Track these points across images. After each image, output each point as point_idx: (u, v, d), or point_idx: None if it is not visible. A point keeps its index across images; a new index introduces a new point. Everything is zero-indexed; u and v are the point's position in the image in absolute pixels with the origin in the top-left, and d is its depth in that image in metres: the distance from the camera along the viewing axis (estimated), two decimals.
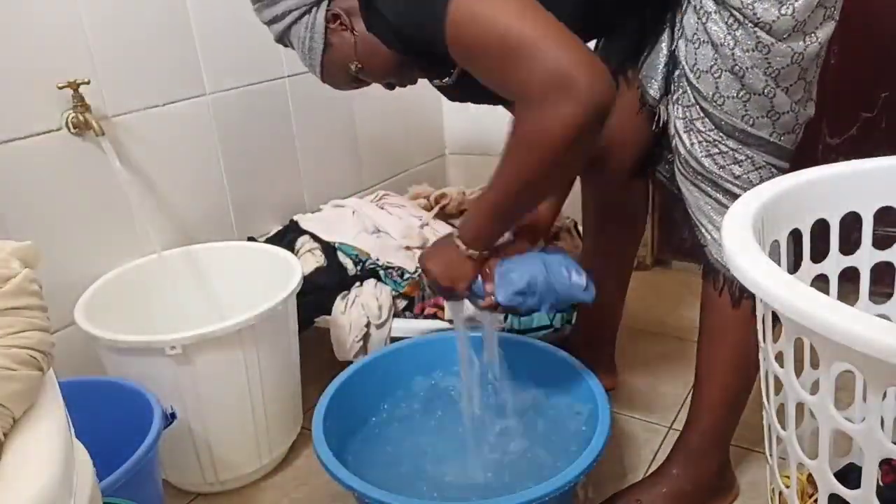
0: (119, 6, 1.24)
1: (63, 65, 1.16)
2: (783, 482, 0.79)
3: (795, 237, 0.85)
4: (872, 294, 0.94)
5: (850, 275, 0.93)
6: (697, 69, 0.92)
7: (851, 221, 0.89)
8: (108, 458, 0.82)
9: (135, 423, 1.01)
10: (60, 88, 1.15)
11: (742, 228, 0.72)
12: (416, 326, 1.32)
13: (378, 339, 1.33)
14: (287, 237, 1.52)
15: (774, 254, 0.82)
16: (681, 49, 0.95)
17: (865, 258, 0.92)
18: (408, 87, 1.10)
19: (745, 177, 0.94)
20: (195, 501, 1.23)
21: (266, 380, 1.17)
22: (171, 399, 1.06)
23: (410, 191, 1.75)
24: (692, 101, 0.95)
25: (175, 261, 1.34)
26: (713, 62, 0.90)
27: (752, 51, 0.87)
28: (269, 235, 1.54)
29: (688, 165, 0.98)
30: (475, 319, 1.10)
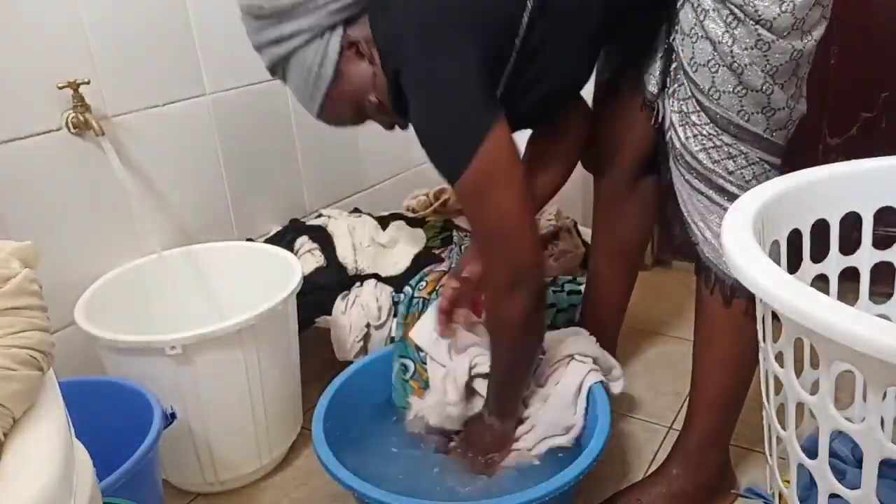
0: (119, 6, 1.24)
1: (63, 65, 1.17)
2: (783, 482, 0.79)
3: (795, 237, 0.85)
4: (872, 294, 0.94)
5: (850, 275, 0.93)
6: (694, 62, 0.92)
7: (851, 221, 0.89)
8: (108, 458, 0.82)
9: (135, 423, 1.01)
10: (60, 88, 1.15)
11: (742, 228, 0.72)
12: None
13: (378, 340, 1.33)
14: (287, 237, 1.52)
15: (774, 254, 0.82)
16: (678, 42, 0.95)
17: (865, 258, 0.93)
18: None
19: (739, 172, 0.94)
20: (195, 501, 1.23)
21: (266, 380, 1.17)
22: (171, 399, 1.06)
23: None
24: (688, 95, 0.95)
25: (175, 261, 1.34)
26: (711, 57, 0.90)
27: (752, 49, 0.87)
28: (269, 236, 1.54)
29: (682, 160, 0.98)
30: None
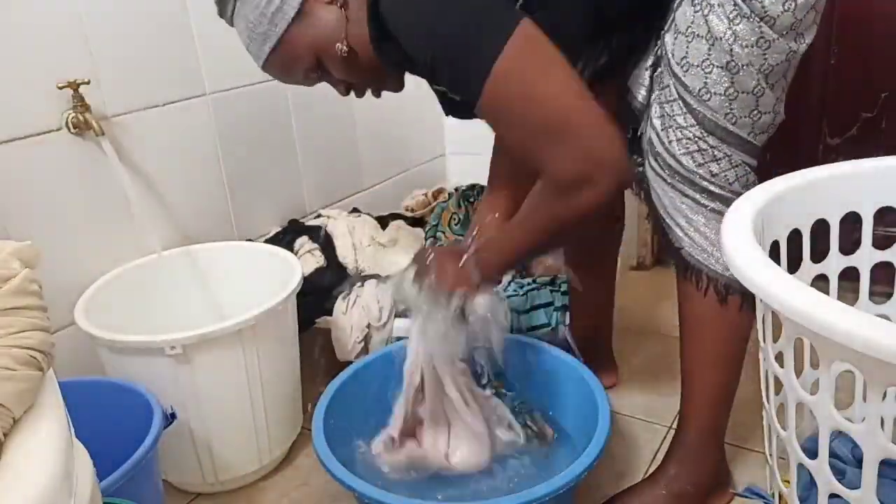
0: (119, 6, 1.24)
1: (63, 65, 1.16)
2: (783, 482, 0.79)
3: (795, 237, 0.85)
4: (872, 294, 0.94)
5: (850, 275, 0.93)
6: (686, 62, 0.91)
7: (851, 221, 0.89)
8: (108, 458, 0.82)
9: (135, 423, 1.01)
10: (60, 88, 1.15)
11: (742, 228, 0.72)
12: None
13: (379, 340, 1.33)
14: (286, 237, 1.52)
15: (774, 254, 0.82)
16: (668, 43, 0.94)
17: (865, 258, 0.93)
18: (406, 88, 1.07)
19: (723, 175, 0.94)
20: (195, 501, 1.23)
21: (266, 380, 1.17)
22: (171, 399, 1.06)
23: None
24: (675, 96, 0.94)
25: (175, 261, 1.34)
26: (706, 56, 0.90)
27: (753, 46, 0.87)
28: (269, 236, 1.54)
29: (665, 164, 0.97)
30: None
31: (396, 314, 1.35)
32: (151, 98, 1.31)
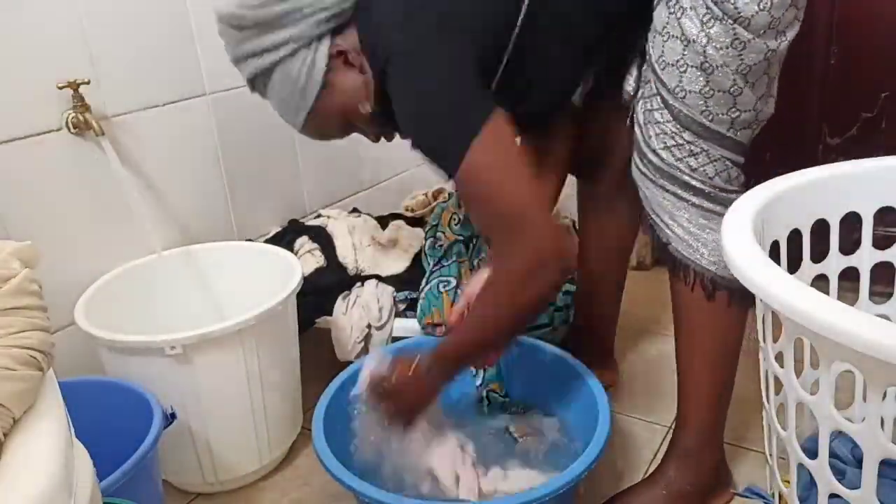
0: (119, 6, 1.24)
1: (63, 65, 1.17)
2: (783, 482, 0.79)
3: (795, 237, 0.85)
4: (872, 294, 0.94)
5: (850, 275, 0.93)
6: (663, 60, 0.92)
7: (851, 221, 0.89)
8: (108, 458, 0.82)
9: (135, 423, 1.01)
10: (60, 88, 1.15)
11: (742, 228, 0.72)
12: (418, 326, 1.32)
13: (379, 340, 1.33)
14: (286, 238, 1.52)
15: (774, 254, 0.82)
16: (649, 41, 0.95)
17: (865, 258, 0.93)
18: None
19: (701, 169, 0.94)
20: (195, 501, 1.23)
21: (266, 380, 1.17)
22: (171, 399, 1.06)
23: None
24: (654, 92, 0.95)
25: (175, 261, 1.34)
26: (680, 56, 0.90)
27: (727, 48, 0.87)
28: (269, 236, 1.54)
29: (646, 160, 0.97)
30: None
31: (396, 314, 1.35)
32: (151, 98, 1.31)
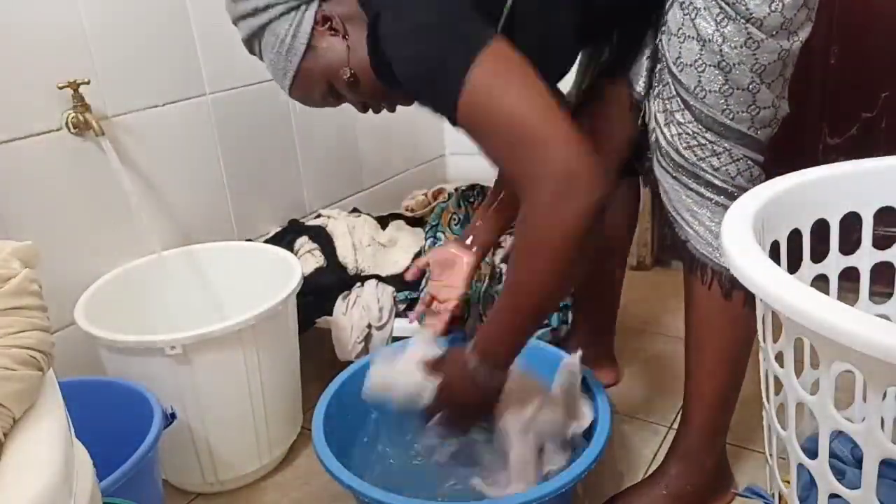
0: (119, 6, 1.24)
1: (63, 65, 1.17)
2: (783, 482, 0.79)
3: (795, 237, 0.85)
4: (872, 294, 0.94)
5: (850, 275, 0.93)
6: (681, 62, 0.92)
7: (851, 221, 0.89)
8: (108, 458, 0.82)
9: (135, 423, 1.01)
10: (60, 88, 1.15)
11: (742, 228, 0.72)
12: (418, 326, 1.32)
13: (380, 340, 1.33)
14: (286, 238, 1.52)
15: (774, 254, 0.82)
16: (664, 43, 0.95)
17: (865, 258, 0.92)
18: None
19: (724, 168, 0.95)
20: (195, 501, 1.23)
21: (266, 380, 1.17)
22: (171, 399, 1.06)
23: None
24: (673, 93, 0.95)
25: (175, 261, 1.34)
26: (698, 56, 0.91)
27: (742, 47, 0.88)
28: (269, 236, 1.54)
29: (668, 158, 0.98)
30: None
31: (397, 314, 1.35)
32: (151, 98, 1.31)
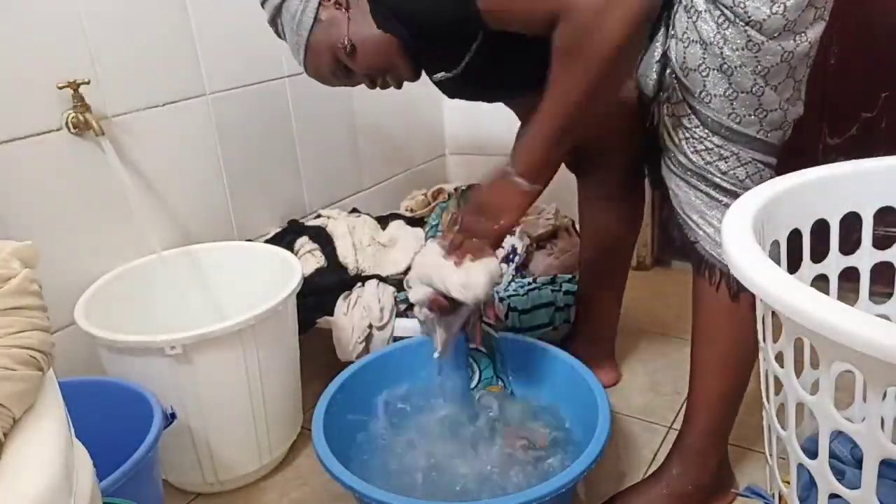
0: (119, 6, 1.24)
1: (63, 65, 1.16)
2: (783, 482, 0.79)
3: (795, 237, 0.85)
4: (872, 294, 0.94)
5: (850, 275, 0.92)
6: (686, 67, 0.92)
7: (851, 221, 0.89)
8: (108, 458, 0.82)
9: (135, 423, 1.01)
10: (60, 88, 1.15)
11: (742, 228, 0.72)
12: (419, 326, 1.32)
13: (380, 340, 1.33)
14: (287, 238, 1.52)
15: (774, 254, 0.82)
16: (671, 47, 0.95)
17: (865, 258, 0.92)
18: (406, 87, 1.09)
19: (732, 172, 0.95)
20: (195, 501, 1.23)
21: (266, 380, 1.17)
22: (171, 399, 1.06)
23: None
24: (679, 98, 0.95)
25: (175, 261, 1.34)
26: (701, 61, 0.91)
27: (742, 49, 0.88)
28: (269, 236, 1.54)
29: (676, 161, 0.98)
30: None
31: (397, 314, 1.35)
32: (151, 98, 1.31)
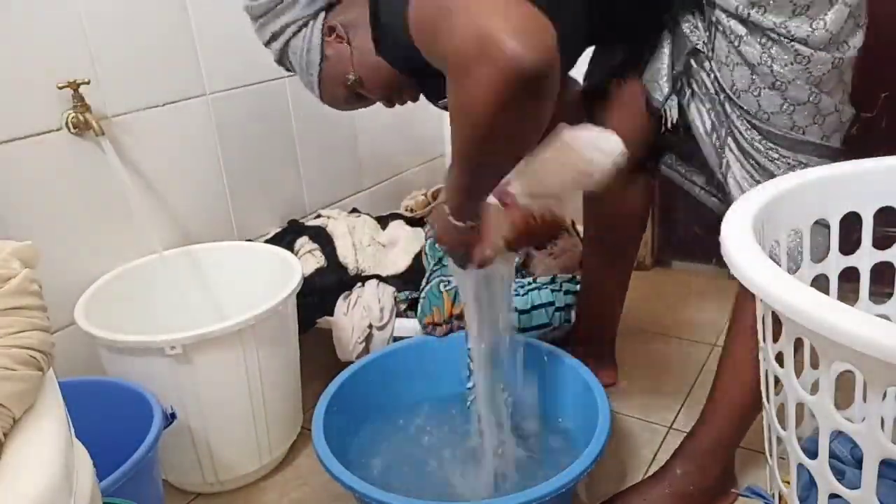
0: (119, 6, 1.24)
1: (63, 65, 1.16)
2: (783, 482, 0.79)
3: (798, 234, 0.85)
4: (872, 294, 0.94)
5: (850, 275, 0.92)
6: (736, 89, 0.93)
7: (851, 221, 0.89)
8: (108, 458, 0.82)
9: (135, 423, 1.01)
10: (60, 88, 1.15)
11: (742, 228, 0.72)
12: (419, 326, 1.32)
13: (380, 340, 1.33)
14: (286, 238, 1.52)
15: (774, 254, 0.82)
16: (716, 71, 0.96)
17: (865, 258, 0.92)
18: None
19: None
20: (195, 501, 1.23)
21: (266, 380, 1.17)
22: (171, 399, 1.06)
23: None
24: (743, 121, 0.95)
25: (175, 261, 1.34)
26: (751, 81, 0.92)
27: (792, 63, 0.89)
28: (269, 237, 1.54)
29: (751, 179, 0.98)
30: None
31: (397, 314, 1.35)
32: (151, 98, 1.31)
